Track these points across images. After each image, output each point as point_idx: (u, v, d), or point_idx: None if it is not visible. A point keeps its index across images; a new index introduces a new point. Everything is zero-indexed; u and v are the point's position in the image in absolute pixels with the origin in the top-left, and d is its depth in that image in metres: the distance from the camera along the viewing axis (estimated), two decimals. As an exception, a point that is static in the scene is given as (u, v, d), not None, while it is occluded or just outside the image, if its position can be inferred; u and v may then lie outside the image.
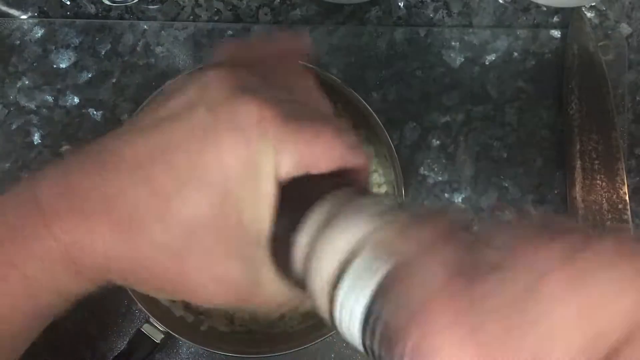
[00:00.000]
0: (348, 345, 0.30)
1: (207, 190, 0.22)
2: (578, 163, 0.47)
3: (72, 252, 0.22)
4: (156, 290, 0.25)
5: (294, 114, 0.23)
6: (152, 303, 0.41)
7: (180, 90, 0.24)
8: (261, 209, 0.23)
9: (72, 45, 0.49)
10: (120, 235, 0.22)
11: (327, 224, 0.22)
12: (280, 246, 0.23)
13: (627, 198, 0.46)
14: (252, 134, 0.22)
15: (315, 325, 0.41)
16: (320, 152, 0.23)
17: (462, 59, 0.49)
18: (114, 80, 0.49)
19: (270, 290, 0.24)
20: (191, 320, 0.43)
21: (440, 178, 0.48)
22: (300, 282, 0.23)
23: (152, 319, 0.40)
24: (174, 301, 0.43)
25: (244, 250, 0.23)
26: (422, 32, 0.49)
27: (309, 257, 0.22)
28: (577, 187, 0.46)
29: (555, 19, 0.50)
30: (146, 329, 0.41)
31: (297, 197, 0.23)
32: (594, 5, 0.50)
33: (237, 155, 0.22)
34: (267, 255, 0.23)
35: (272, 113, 0.22)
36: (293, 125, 0.23)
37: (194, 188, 0.22)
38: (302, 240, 0.22)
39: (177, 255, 0.23)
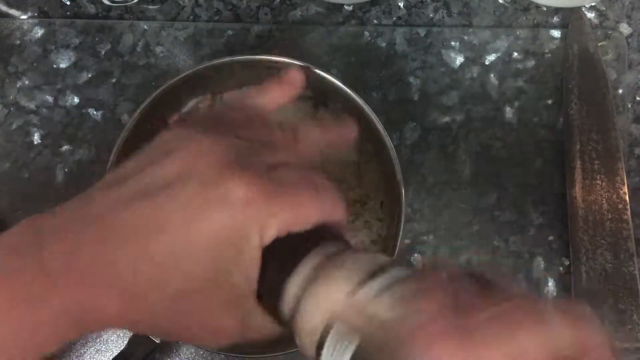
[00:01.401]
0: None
1: (201, 263, 0.25)
2: (578, 163, 0.47)
3: (80, 317, 0.25)
4: (156, 336, 0.28)
5: (279, 185, 0.26)
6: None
7: (173, 154, 0.26)
8: (248, 270, 0.26)
9: (72, 45, 0.49)
10: (123, 304, 0.25)
11: (311, 280, 0.25)
12: (270, 294, 0.26)
13: (627, 198, 0.46)
14: (239, 211, 0.25)
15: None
16: (301, 216, 0.26)
17: (462, 59, 0.49)
18: (114, 80, 0.49)
19: (260, 332, 0.28)
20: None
21: (440, 178, 0.48)
22: (287, 324, 0.26)
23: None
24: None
25: (235, 304, 0.26)
26: (422, 32, 0.49)
27: (295, 309, 0.25)
28: (577, 187, 0.46)
29: (555, 19, 0.50)
30: (146, 329, 0.41)
31: (282, 247, 0.26)
32: (594, 5, 0.50)
33: (226, 229, 0.25)
34: (256, 304, 0.27)
35: (257, 190, 0.25)
36: (277, 199, 0.26)
37: (189, 262, 0.25)
38: (290, 292, 0.25)
39: (178, 317, 0.26)
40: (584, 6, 0.49)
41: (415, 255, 0.47)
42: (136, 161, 0.28)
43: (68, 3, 0.50)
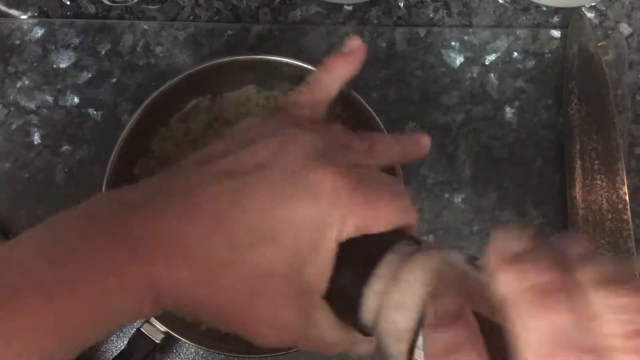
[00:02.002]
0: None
1: (277, 247, 0.25)
2: (578, 163, 0.47)
3: (157, 286, 0.25)
4: (220, 324, 0.28)
5: (362, 182, 0.26)
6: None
7: (263, 140, 0.27)
8: (322, 265, 0.26)
9: (72, 45, 0.49)
10: (198, 279, 0.25)
11: (393, 278, 0.24)
12: (342, 294, 0.26)
13: (627, 198, 0.46)
14: (323, 202, 0.25)
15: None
16: (380, 217, 0.26)
17: (462, 59, 0.49)
18: (114, 80, 0.49)
19: (324, 334, 0.27)
20: (191, 320, 0.43)
21: (440, 178, 0.48)
22: (362, 327, 0.26)
23: (152, 319, 0.40)
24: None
25: (303, 299, 0.26)
26: (422, 32, 0.49)
27: (379, 313, 0.24)
28: (577, 187, 0.46)
29: (555, 19, 0.50)
30: (146, 329, 0.41)
31: (355, 252, 0.26)
32: (594, 5, 0.50)
33: (307, 219, 0.25)
34: (324, 303, 0.26)
35: (342, 183, 0.25)
36: (360, 195, 0.26)
37: (266, 244, 0.25)
38: (370, 296, 0.25)
39: (246, 301, 0.26)
40: (584, 6, 0.49)
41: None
42: (218, 146, 0.28)
43: (68, 3, 0.50)
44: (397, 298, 0.24)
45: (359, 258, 0.26)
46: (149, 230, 0.25)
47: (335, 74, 0.33)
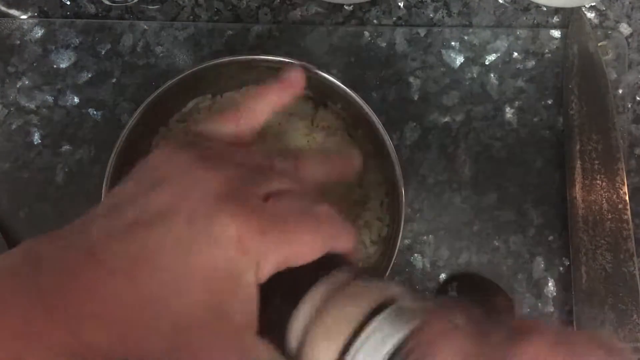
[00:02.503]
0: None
1: (192, 300, 0.24)
2: (578, 163, 0.47)
3: (74, 350, 0.24)
4: None
5: (275, 218, 0.25)
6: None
7: (164, 185, 0.25)
8: (245, 306, 0.25)
9: (72, 45, 0.49)
10: (115, 339, 0.24)
11: (318, 312, 0.24)
12: (275, 328, 0.25)
13: (627, 198, 0.46)
14: (231, 249, 0.24)
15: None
16: (301, 251, 0.25)
17: (462, 59, 0.49)
18: (114, 80, 0.49)
19: None
20: None
21: (440, 178, 0.48)
22: (289, 354, 0.25)
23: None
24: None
25: (234, 339, 0.25)
26: (422, 32, 0.49)
27: (303, 344, 0.24)
28: (577, 187, 0.46)
29: (555, 19, 0.50)
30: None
31: (286, 278, 0.25)
32: (594, 5, 0.50)
33: (218, 269, 0.24)
34: (256, 339, 0.26)
35: (249, 228, 0.24)
36: (273, 235, 0.25)
37: (180, 294, 0.24)
38: (296, 326, 0.24)
39: (172, 354, 0.25)
40: (584, 6, 0.49)
41: (415, 255, 0.47)
42: (127, 188, 0.27)
43: (68, 3, 0.50)
44: (320, 333, 0.23)
45: (286, 290, 0.25)
46: (62, 294, 0.24)
47: (266, 104, 0.32)
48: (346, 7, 0.49)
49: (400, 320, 0.23)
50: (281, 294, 0.25)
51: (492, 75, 0.49)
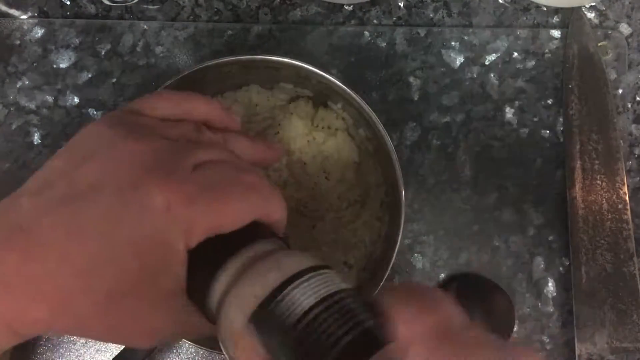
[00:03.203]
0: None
1: (123, 269, 0.25)
2: (578, 163, 0.47)
3: (13, 325, 0.25)
4: (95, 340, 0.28)
5: (203, 186, 0.26)
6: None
7: (93, 159, 0.26)
8: (175, 272, 0.26)
9: (72, 45, 0.49)
10: (52, 311, 0.25)
11: (235, 280, 0.25)
12: (199, 291, 0.26)
13: (627, 198, 0.46)
14: (159, 218, 0.25)
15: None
16: (228, 218, 0.26)
17: (462, 59, 0.49)
18: (114, 80, 0.49)
19: (195, 330, 0.28)
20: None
21: (440, 178, 0.48)
22: (212, 317, 0.26)
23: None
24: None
25: (165, 304, 0.26)
26: (422, 32, 0.49)
27: (219, 309, 0.25)
28: (577, 187, 0.46)
29: (555, 19, 0.50)
30: (146, 329, 0.41)
31: (214, 243, 0.26)
32: (594, 5, 0.50)
33: (147, 238, 0.25)
34: (186, 302, 0.27)
35: (177, 196, 0.25)
36: (201, 202, 0.25)
37: (111, 265, 0.25)
38: (216, 291, 0.25)
39: (107, 321, 0.26)
40: (584, 6, 0.49)
41: (415, 255, 0.47)
42: (58, 163, 0.27)
43: (68, 3, 0.50)
44: (236, 296, 0.24)
45: (212, 254, 0.26)
46: None
47: (200, 107, 0.32)
48: (346, 7, 0.49)
49: (325, 281, 0.23)
50: (208, 259, 0.26)
51: (492, 75, 0.49)
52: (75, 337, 0.46)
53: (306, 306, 0.22)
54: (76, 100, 0.49)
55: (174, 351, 0.46)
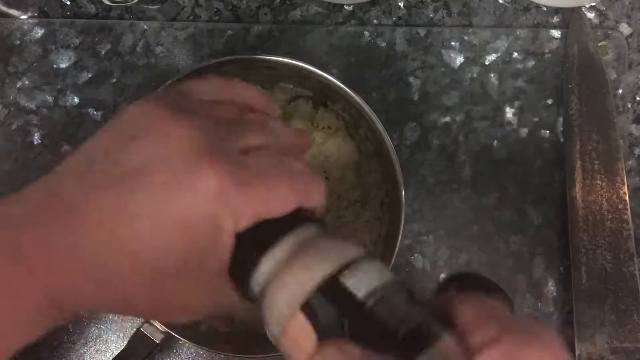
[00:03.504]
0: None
1: (172, 246, 0.25)
2: (578, 163, 0.47)
3: (58, 302, 0.25)
4: (133, 315, 0.28)
5: (252, 171, 0.26)
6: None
7: (141, 138, 0.26)
8: (221, 254, 0.26)
9: (72, 45, 0.49)
10: (99, 288, 0.25)
11: (281, 265, 0.25)
12: (242, 272, 0.27)
13: (627, 198, 0.46)
14: (211, 202, 0.25)
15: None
16: (275, 205, 0.26)
17: (462, 59, 0.49)
18: (114, 80, 0.49)
19: (232, 309, 0.29)
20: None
21: (440, 178, 0.48)
22: (252, 299, 0.27)
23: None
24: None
25: (208, 283, 0.27)
26: (422, 32, 0.49)
27: (264, 291, 0.25)
28: (577, 187, 0.46)
29: (555, 19, 0.50)
30: (146, 329, 0.41)
31: (258, 227, 0.26)
32: (594, 5, 0.50)
33: (197, 220, 0.25)
34: (227, 282, 0.27)
35: (230, 179, 0.25)
36: (251, 187, 0.25)
37: (160, 244, 0.25)
38: (260, 273, 0.26)
39: (151, 298, 0.26)
40: (584, 6, 0.49)
41: (415, 255, 0.47)
42: (102, 143, 0.27)
43: (68, 3, 0.50)
44: (283, 283, 0.24)
45: (257, 237, 0.26)
46: (41, 248, 0.24)
47: (242, 91, 0.32)
48: (346, 7, 0.49)
49: (377, 270, 0.24)
50: (253, 242, 0.26)
51: (492, 75, 0.49)
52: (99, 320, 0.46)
53: (363, 294, 0.23)
54: (76, 100, 0.49)
55: (174, 351, 0.46)
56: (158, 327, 0.40)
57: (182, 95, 0.30)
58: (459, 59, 0.49)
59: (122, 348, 0.42)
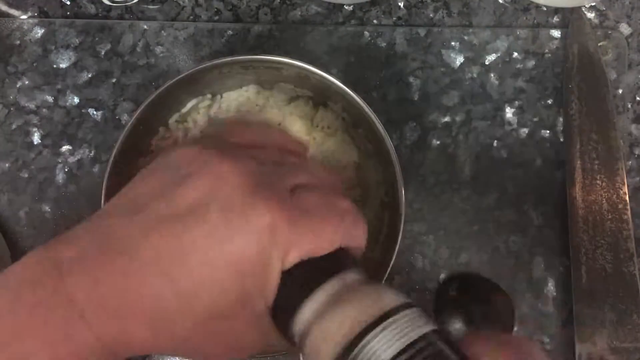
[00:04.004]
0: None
1: (224, 286, 0.25)
2: (578, 163, 0.47)
3: (111, 347, 0.24)
4: (184, 357, 0.29)
5: (301, 209, 0.26)
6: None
7: (192, 179, 0.26)
8: (268, 294, 0.26)
9: (72, 45, 0.49)
10: (151, 332, 0.25)
11: (322, 311, 0.25)
12: (283, 313, 0.26)
13: (627, 198, 0.46)
14: (263, 238, 0.25)
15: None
16: (324, 243, 0.26)
17: (462, 59, 0.49)
18: (114, 80, 0.49)
19: (275, 346, 0.29)
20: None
21: (440, 178, 0.48)
22: (291, 339, 0.27)
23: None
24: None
25: (256, 324, 0.27)
26: (422, 32, 0.49)
27: (304, 337, 0.25)
28: (577, 187, 0.46)
29: (555, 19, 0.50)
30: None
31: (299, 268, 0.26)
32: (594, 5, 0.50)
33: (250, 256, 0.25)
34: (271, 322, 0.27)
35: (281, 216, 0.25)
36: (300, 225, 0.26)
37: (213, 285, 0.25)
38: (302, 318, 0.26)
39: (203, 340, 0.26)
40: (584, 6, 0.49)
41: (415, 255, 0.47)
42: (150, 184, 0.27)
43: (68, 3, 0.50)
44: (326, 327, 0.24)
45: (301, 281, 0.26)
46: (93, 294, 0.24)
47: (277, 136, 0.34)
48: (346, 7, 0.49)
49: (413, 322, 0.24)
50: (297, 282, 0.26)
51: (492, 75, 0.49)
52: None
53: (395, 351, 0.23)
54: (76, 100, 0.49)
55: (174, 351, 0.46)
56: None
57: (224, 140, 0.31)
58: (459, 59, 0.49)
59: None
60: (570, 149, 0.47)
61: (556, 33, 0.49)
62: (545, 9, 0.50)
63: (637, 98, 0.49)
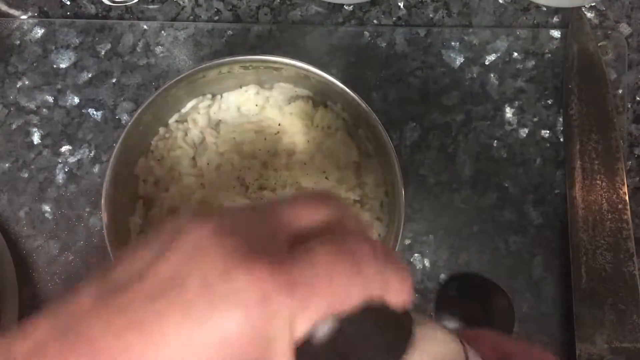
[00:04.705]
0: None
1: None
2: (578, 163, 0.47)
3: None
4: None
5: (304, 264, 0.22)
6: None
7: (167, 252, 0.22)
8: None
9: (72, 45, 0.49)
10: None
11: None
12: None
13: (627, 198, 0.46)
14: (255, 311, 0.21)
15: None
16: (339, 301, 0.22)
17: (462, 59, 0.49)
18: (114, 80, 0.49)
19: None
20: None
21: (440, 178, 0.48)
22: None
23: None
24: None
25: None
26: (422, 32, 0.49)
27: None
28: (577, 187, 0.46)
29: (555, 19, 0.50)
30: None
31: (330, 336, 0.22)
32: (594, 5, 0.50)
33: (241, 333, 0.21)
34: None
35: (275, 283, 0.21)
36: (305, 286, 0.21)
37: None
38: None
39: None
40: (584, 6, 0.49)
41: (415, 255, 0.47)
42: (125, 264, 0.23)
43: (68, 3, 0.50)
44: None
45: (333, 350, 0.22)
46: None
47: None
48: (346, 7, 0.49)
49: None
50: (315, 353, 0.22)
51: (492, 75, 0.49)
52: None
53: None
54: (76, 100, 0.49)
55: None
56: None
57: (217, 211, 0.25)
58: (459, 59, 0.49)
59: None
60: (570, 149, 0.47)
61: (556, 33, 0.49)
62: (545, 9, 0.50)
63: (637, 98, 0.49)
